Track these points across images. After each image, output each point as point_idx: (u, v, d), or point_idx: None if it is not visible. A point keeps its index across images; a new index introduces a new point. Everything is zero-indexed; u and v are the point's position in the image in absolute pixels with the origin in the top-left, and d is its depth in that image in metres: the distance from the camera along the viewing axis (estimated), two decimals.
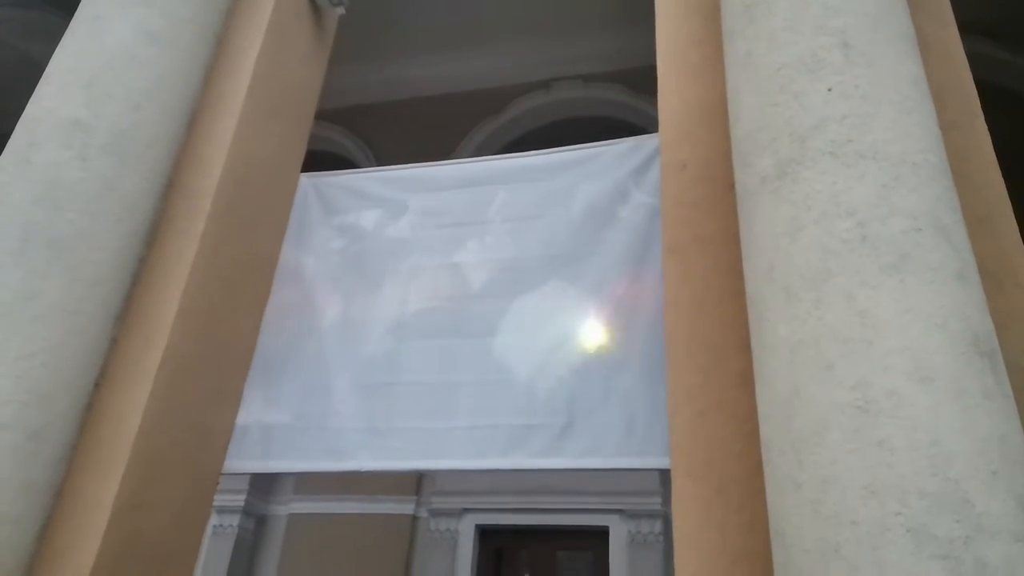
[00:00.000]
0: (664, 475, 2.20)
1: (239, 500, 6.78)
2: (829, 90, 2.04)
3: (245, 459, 3.28)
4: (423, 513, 6.85)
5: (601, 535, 6.42)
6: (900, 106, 2.00)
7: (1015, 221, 2.27)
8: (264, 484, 7.05)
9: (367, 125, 7.22)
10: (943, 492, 1.52)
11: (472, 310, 3.37)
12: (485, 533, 6.76)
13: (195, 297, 3.00)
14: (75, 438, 2.67)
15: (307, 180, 3.85)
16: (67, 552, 2.51)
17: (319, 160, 5.05)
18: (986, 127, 2.42)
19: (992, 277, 1.97)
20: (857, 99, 2.01)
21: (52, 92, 3.01)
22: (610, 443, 2.90)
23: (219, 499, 3.77)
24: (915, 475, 1.55)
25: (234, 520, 6.77)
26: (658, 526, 6.26)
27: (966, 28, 2.71)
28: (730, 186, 2.35)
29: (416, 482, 6.92)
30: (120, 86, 3.04)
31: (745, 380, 2.13)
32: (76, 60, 3.09)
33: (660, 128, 2.87)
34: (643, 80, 3.34)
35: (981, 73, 2.75)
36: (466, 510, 6.72)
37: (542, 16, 6.09)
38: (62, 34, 3.22)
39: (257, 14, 3.63)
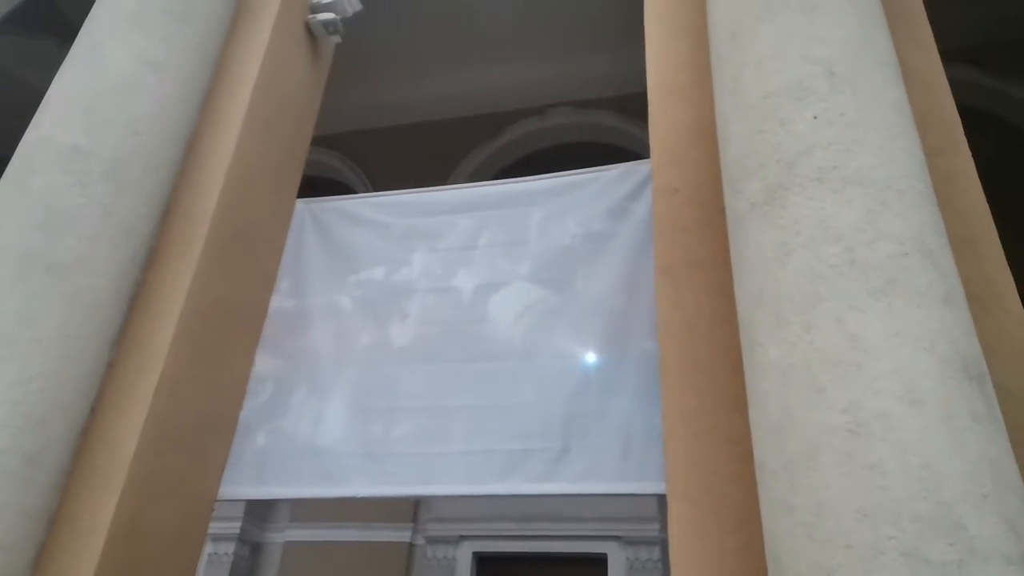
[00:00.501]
0: (662, 501, 2.19)
1: (234, 527, 6.71)
2: (815, 117, 2.08)
3: (240, 485, 3.27)
4: (420, 540, 6.78)
5: (599, 562, 6.35)
6: (885, 132, 2.03)
7: (1000, 244, 2.30)
8: (260, 511, 6.99)
9: (363, 151, 7.27)
10: (936, 515, 1.52)
11: (468, 334, 3.38)
12: (482, 560, 6.69)
13: (191, 322, 3.01)
14: (70, 463, 2.66)
15: (303, 205, 3.88)
16: None
17: (315, 185, 5.08)
18: (969, 152, 2.46)
19: (978, 301, 1.99)
20: (843, 126, 2.04)
21: (51, 119, 3.04)
22: (607, 467, 2.90)
23: (214, 526, 3.73)
24: (908, 498, 1.54)
25: (229, 548, 6.69)
26: (656, 553, 6.20)
27: (949, 55, 2.76)
28: (721, 209, 2.37)
29: (413, 509, 6.86)
30: (120, 113, 3.07)
31: (739, 402, 2.13)
32: (76, 87, 3.12)
33: (651, 150, 2.89)
34: (637, 106, 3.38)
35: (965, 98, 2.80)
36: (463, 537, 6.66)
37: (537, 43, 6.17)
38: (59, 61, 3.26)
39: (255, 41, 3.69)
